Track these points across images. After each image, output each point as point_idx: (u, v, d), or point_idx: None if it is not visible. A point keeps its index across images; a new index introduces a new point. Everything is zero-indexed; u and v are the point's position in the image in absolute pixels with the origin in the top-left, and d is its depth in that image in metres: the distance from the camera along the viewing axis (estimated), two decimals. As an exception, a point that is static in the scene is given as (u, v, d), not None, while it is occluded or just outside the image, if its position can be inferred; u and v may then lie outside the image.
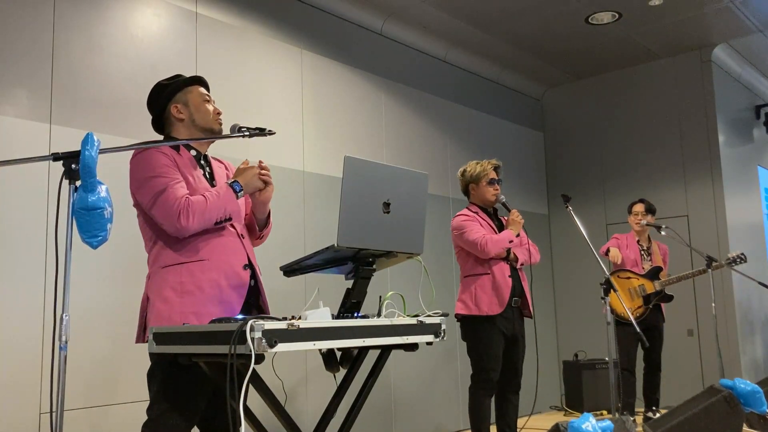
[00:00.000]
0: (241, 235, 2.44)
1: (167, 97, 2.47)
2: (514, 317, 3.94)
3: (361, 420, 2.45)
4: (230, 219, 2.35)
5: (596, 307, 6.16)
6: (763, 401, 3.13)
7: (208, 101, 2.51)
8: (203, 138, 2.46)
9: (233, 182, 2.37)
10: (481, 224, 3.96)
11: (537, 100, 7.55)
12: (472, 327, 3.92)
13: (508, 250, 3.93)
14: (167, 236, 2.32)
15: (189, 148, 2.46)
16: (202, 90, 2.52)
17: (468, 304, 3.91)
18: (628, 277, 5.25)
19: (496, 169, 4.06)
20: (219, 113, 2.52)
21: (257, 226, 2.58)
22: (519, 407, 4.03)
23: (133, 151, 2.35)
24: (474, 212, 4.03)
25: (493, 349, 3.86)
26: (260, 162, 2.46)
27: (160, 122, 2.52)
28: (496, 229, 4.01)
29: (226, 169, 2.62)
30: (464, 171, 4.12)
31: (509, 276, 3.91)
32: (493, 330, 3.86)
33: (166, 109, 2.48)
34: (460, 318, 3.98)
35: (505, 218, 4.08)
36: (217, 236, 2.35)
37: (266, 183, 2.45)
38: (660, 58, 6.80)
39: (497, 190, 4.02)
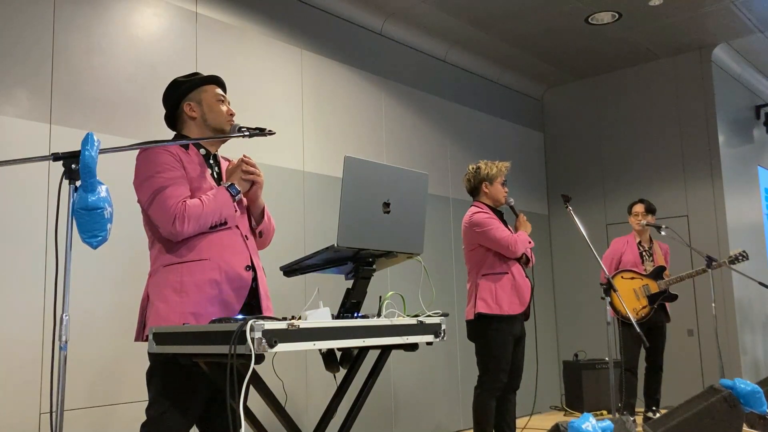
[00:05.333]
0: (245, 236, 2.43)
1: (182, 94, 2.46)
2: (521, 318, 3.94)
3: (361, 420, 2.44)
4: (225, 223, 2.34)
5: (596, 307, 6.17)
6: (763, 401, 3.12)
7: (222, 101, 2.50)
8: (206, 138, 2.45)
9: (230, 185, 2.37)
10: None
11: (537, 100, 7.55)
12: (492, 326, 3.81)
13: None
14: (167, 235, 2.31)
15: (199, 147, 2.45)
16: (218, 90, 2.51)
17: (489, 303, 3.80)
18: (633, 278, 5.26)
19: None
20: (232, 114, 2.51)
21: (254, 220, 2.57)
22: (517, 408, 4.01)
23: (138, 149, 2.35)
24: (488, 210, 4.01)
25: (509, 350, 3.84)
26: (244, 156, 2.44)
27: (173, 119, 2.52)
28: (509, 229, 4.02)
29: None
30: (477, 168, 4.04)
31: (525, 276, 3.94)
32: (510, 330, 3.84)
33: (179, 107, 2.47)
34: (479, 317, 3.83)
35: None
36: (220, 236, 2.34)
37: (253, 182, 2.45)
38: (660, 58, 6.80)
39: (507, 191, 4.04)
